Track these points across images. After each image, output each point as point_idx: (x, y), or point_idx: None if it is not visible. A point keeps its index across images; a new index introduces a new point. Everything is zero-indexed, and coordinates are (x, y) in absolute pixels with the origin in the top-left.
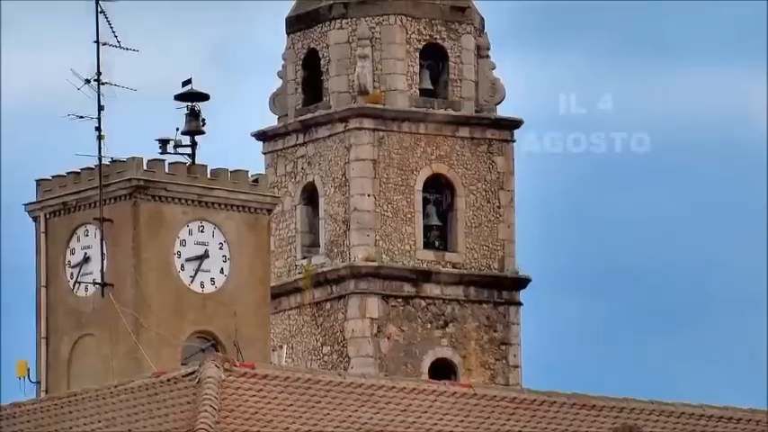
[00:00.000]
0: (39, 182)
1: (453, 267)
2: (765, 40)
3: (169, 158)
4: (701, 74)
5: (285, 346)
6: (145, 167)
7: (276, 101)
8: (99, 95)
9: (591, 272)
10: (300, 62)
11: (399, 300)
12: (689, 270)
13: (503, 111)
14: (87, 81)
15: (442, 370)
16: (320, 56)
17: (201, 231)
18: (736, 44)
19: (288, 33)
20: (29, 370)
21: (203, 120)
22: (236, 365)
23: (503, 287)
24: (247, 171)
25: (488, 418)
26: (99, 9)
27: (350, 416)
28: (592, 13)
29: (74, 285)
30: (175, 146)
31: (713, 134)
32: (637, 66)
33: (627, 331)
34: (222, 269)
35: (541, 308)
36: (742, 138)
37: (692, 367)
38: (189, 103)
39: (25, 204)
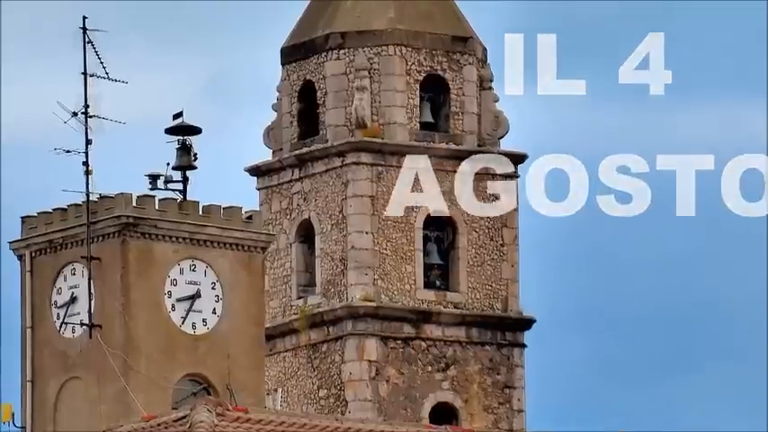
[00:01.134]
0: (24, 219)
1: (455, 308)
2: (765, 70)
3: (159, 195)
4: (704, 104)
5: (280, 390)
6: (134, 204)
7: (271, 134)
8: (86, 129)
9: (598, 313)
10: (296, 94)
11: (399, 341)
12: (696, 309)
13: (506, 145)
14: (74, 114)
15: (444, 414)
16: (316, 88)
17: (193, 270)
18: (736, 74)
19: (283, 64)
20: (13, 415)
21: (195, 154)
22: (229, 410)
23: (506, 328)
24: (241, 208)
25: None
26: (86, 39)
27: None
28: (597, 43)
29: (60, 326)
30: (166, 181)
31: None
32: (641, 95)
33: (636, 373)
34: (215, 309)
35: (547, 350)
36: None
37: (700, 407)
38: (180, 137)
39: (10, 242)
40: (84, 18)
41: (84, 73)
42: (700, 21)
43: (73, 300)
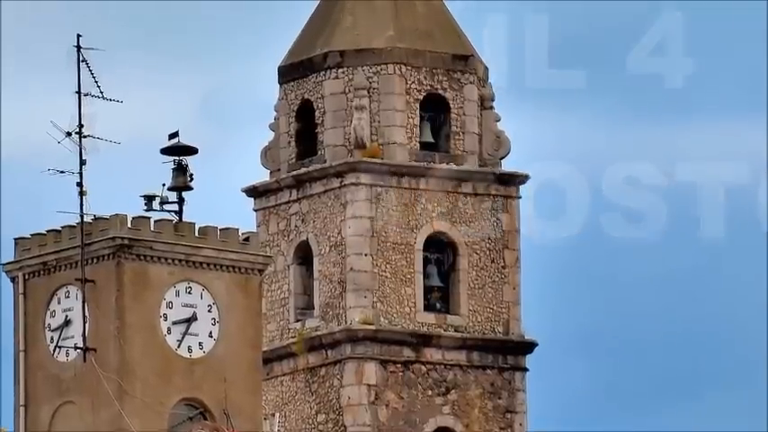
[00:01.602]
0: (17, 240)
1: (455, 331)
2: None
3: (155, 216)
4: (709, 127)
5: (278, 414)
6: (129, 225)
7: (268, 155)
8: (81, 149)
9: (600, 336)
10: (294, 114)
11: (398, 365)
12: (700, 333)
13: (508, 165)
14: (68, 134)
15: None
16: (315, 107)
17: (189, 293)
18: (742, 97)
19: (280, 83)
20: None
21: (191, 175)
22: None
23: (508, 352)
24: (237, 229)
25: None
26: (81, 58)
27: None
28: (601, 65)
29: (54, 350)
30: (161, 202)
31: (732, 191)
32: (645, 119)
33: (639, 398)
34: (211, 333)
35: (549, 374)
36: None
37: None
38: (176, 158)
39: (3, 264)
40: (79, 36)
41: (79, 92)
42: None
43: (67, 323)
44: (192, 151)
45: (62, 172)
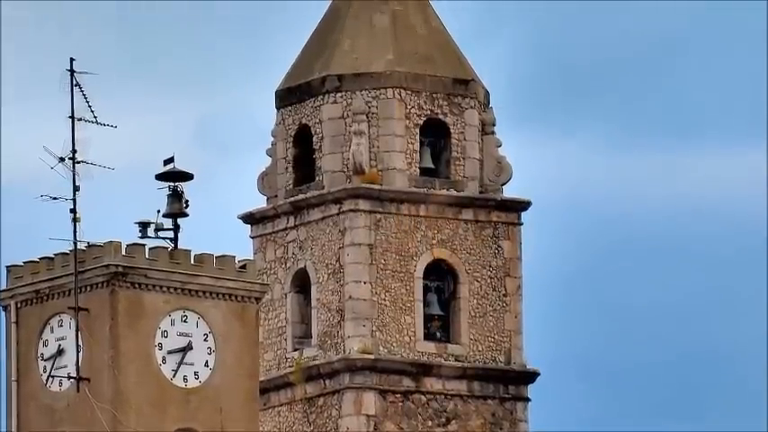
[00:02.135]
0: (9, 268)
1: (456, 360)
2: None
3: (150, 243)
4: (717, 152)
5: None
6: (123, 252)
7: (265, 181)
8: (74, 175)
9: (604, 365)
10: (291, 139)
11: (398, 395)
12: (702, 360)
13: (509, 191)
14: (61, 159)
15: None
16: (312, 132)
17: (185, 321)
18: (750, 121)
19: (278, 108)
20: None
21: (186, 201)
22: None
23: (509, 381)
24: (234, 257)
25: None
26: (74, 82)
27: None
28: (604, 89)
29: (47, 379)
30: (156, 229)
31: (729, 217)
32: (650, 144)
33: (644, 426)
34: (207, 362)
35: (551, 404)
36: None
37: None
38: (171, 183)
39: None
40: (72, 60)
41: (72, 117)
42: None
43: (60, 352)
44: (187, 177)
45: (55, 198)
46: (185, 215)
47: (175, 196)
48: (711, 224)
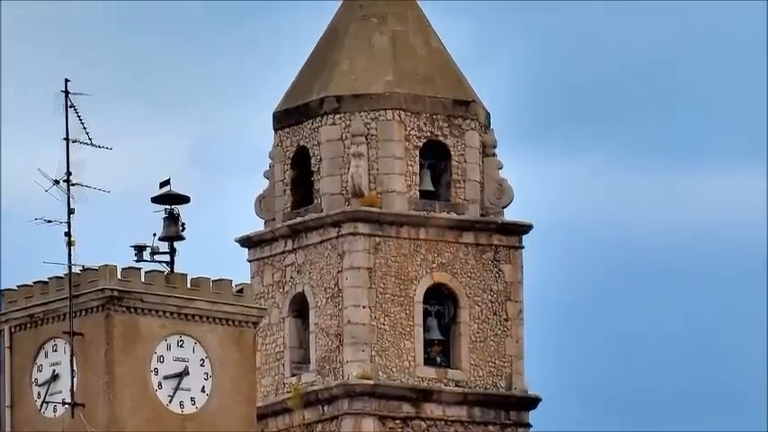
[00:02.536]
0: (3, 292)
1: (456, 386)
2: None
3: (145, 267)
4: (719, 177)
5: None
6: (119, 276)
7: (263, 203)
8: (69, 197)
9: (606, 391)
10: (289, 161)
11: (397, 421)
12: (706, 386)
13: (510, 214)
14: (56, 182)
15: None
16: (311, 154)
17: (181, 346)
18: (750, 147)
19: (275, 129)
20: None
21: (183, 224)
22: None
23: (510, 407)
24: (231, 280)
25: None
26: (69, 103)
27: None
28: (605, 110)
29: (41, 405)
30: (152, 253)
31: (729, 240)
32: (652, 168)
33: None
34: (203, 388)
35: (552, 430)
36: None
37: None
38: (167, 206)
39: None
40: (67, 81)
41: (67, 138)
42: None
43: (54, 377)
44: (183, 200)
45: (49, 221)
46: (182, 238)
47: (172, 219)
48: (712, 247)
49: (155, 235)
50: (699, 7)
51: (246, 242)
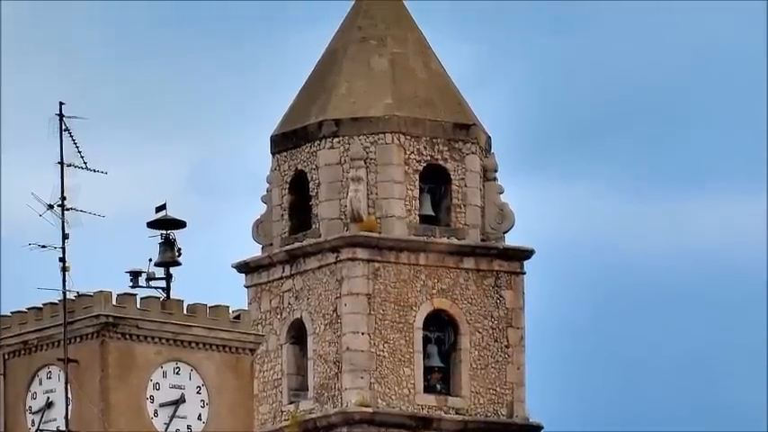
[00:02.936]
0: None
1: (457, 413)
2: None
3: (141, 293)
4: (719, 201)
5: None
6: (114, 302)
7: (260, 228)
8: (63, 222)
9: (608, 418)
10: (287, 185)
11: None
12: (709, 413)
13: (512, 239)
14: (50, 206)
15: None
16: (309, 178)
17: (177, 373)
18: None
19: (273, 153)
20: None
21: (179, 250)
22: None
23: None
24: (228, 307)
25: None
26: (63, 126)
27: None
28: (607, 134)
29: None
30: (148, 279)
31: (731, 265)
32: (653, 192)
33: None
34: (200, 415)
35: None
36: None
37: None
38: (163, 231)
39: None
40: (61, 104)
41: (61, 162)
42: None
43: (49, 405)
44: (180, 225)
45: (44, 246)
46: (178, 264)
47: (168, 244)
48: (713, 272)
49: (150, 260)
50: (699, 34)
51: (244, 268)
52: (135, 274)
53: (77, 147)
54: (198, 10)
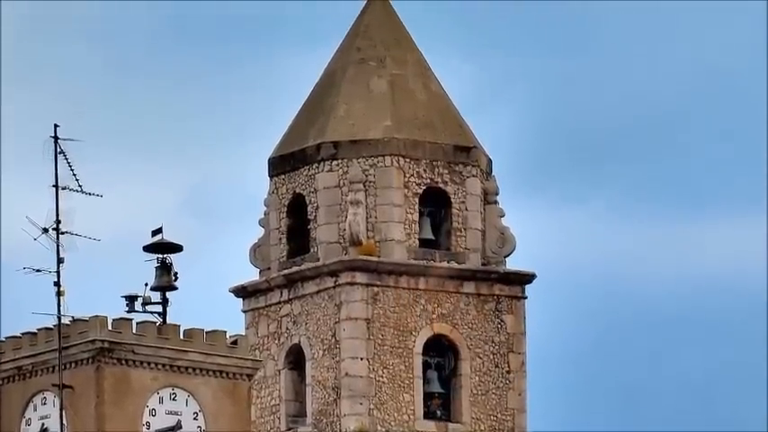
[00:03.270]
0: None
1: None
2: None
3: (137, 317)
4: (719, 226)
5: None
6: (110, 327)
7: (258, 252)
8: (58, 246)
9: None
10: (285, 209)
11: None
12: None
13: (513, 264)
14: (45, 230)
15: None
16: (307, 201)
17: (173, 399)
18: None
19: (271, 176)
20: None
21: (176, 274)
22: None
23: None
24: (225, 332)
25: None
26: (58, 149)
27: None
28: (608, 159)
29: None
30: (144, 303)
31: (731, 290)
32: (654, 216)
33: None
34: None
35: None
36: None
37: None
38: (159, 255)
39: None
40: (56, 126)
41: (56, 185)
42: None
43: (44, 431)
44: (176, 249)
45: (38, 270)
46: (174, 288)
47: (164, 268)
48: (714, 297)
49: (146, 285)
50: (699, 58)
51: (241, 292)
52: (131, 299)
53: (72, 169)
54: (195, 31)
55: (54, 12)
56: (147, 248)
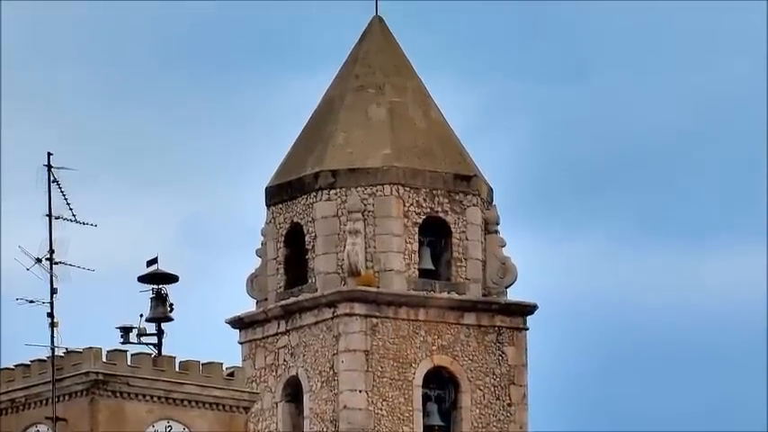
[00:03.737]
0: None
1: None
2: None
3: (132, 349)
4: (719, 256)
5: None
6: (104, 359)
7: (255, 283)
8: (52, 276)
9: None
10: (282, 238)
11: None
12: None
13: (514, 294)
14: (38, 260)
15: None
16: (305, 231)
17: None
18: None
19: (268, 205)
20: None
21: (171, 305)
22: None
23: None
24: (221, 363)
25: None
26: (51, 178)
27: None
28: (609, 189)
29: None
30: (139, 335)
31: (732, 321)
32: (655, 247)
33: None
34: None
35: None
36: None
37: None
38: (155, 286)
39: None
40: (50, 155)
41: (49, 215)
42: None
43: None
44: (172, 279)
45: (31, 301)
46: (170, 319)
47: (159, 299)
48: (714, 328)
49: (142, 316)
50: (701, 88)
51: (238, 323)
52: (126, 330)
53: (66, 198)
54: (190, 59)
55: (49, 39)
56: (143, 279)
